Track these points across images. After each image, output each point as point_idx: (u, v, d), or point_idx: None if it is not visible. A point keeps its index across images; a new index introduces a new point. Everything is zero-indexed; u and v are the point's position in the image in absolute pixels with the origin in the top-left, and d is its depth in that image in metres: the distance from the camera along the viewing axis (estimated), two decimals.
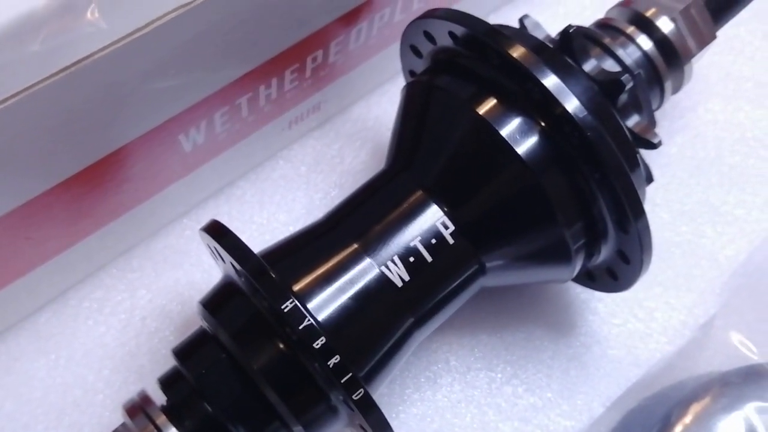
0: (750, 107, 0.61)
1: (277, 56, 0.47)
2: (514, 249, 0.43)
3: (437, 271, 0.42)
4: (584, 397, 0.51)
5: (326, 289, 0.40)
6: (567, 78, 0.39)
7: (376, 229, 0.42)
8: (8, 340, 0.50)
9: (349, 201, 0.44)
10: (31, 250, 0.45)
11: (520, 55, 0.39)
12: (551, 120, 0.40)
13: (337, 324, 0.39)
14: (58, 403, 0.49)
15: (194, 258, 0.54)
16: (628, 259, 0.43)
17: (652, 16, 0.48)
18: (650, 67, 0.48)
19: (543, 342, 0.52)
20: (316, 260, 0.41)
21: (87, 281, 0.52)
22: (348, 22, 0.49)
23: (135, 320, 0.52)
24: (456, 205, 0.42)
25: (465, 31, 0.41)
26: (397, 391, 0.50)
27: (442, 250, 0.42)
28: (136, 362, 0.50)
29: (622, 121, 0.42)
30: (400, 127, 0.46)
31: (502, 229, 0.42)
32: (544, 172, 0.40)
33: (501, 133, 0.40)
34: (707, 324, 0.52)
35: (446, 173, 0.42)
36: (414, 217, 0.42)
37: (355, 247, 0.41)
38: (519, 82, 0.40)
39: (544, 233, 0.42)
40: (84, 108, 0.38)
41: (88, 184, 0.44)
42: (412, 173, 0.43)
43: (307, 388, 0.38)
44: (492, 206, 0.42)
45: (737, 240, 0.56)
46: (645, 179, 0.44)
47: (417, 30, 0.46)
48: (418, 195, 0.42)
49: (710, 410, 0.46)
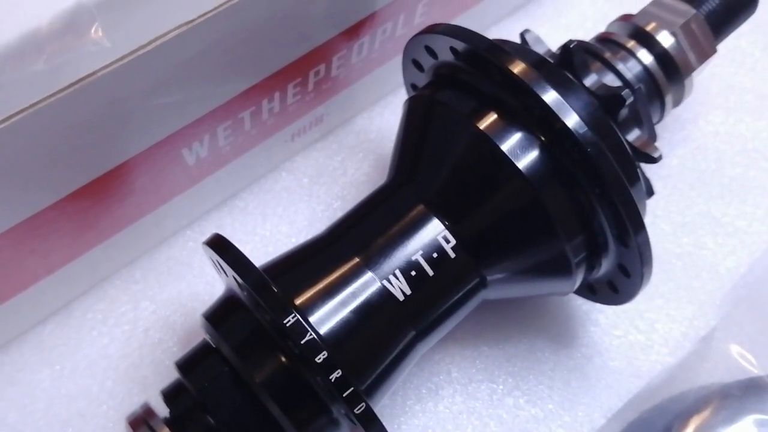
0: (751, 119, 0.61)
1: (280, 71, 0.47)
2: (515, 263, 0.43)
3: (439, 285, 0.42)
4: (585, 409, 0.51)
5: (328, 303, 0.40)
6: (567, 93, 0.39)
7: (378, 242, 0.42)
8: (12, 351, 0.51)
9: (351, 214, 0.45)
10: (35, 262, 0.46)
11: (521, 71, 0.39)
12: (552, 135, 0.40)
13: (339, 338, 0.40)
14: (61, 414, 0.49)
15: (197, 269, 0.54)
16: (629, 273, 0.43)
17: (652, 30, 0.49)
18: (651, 81, 0.48)
19: (544, 353, 0.52)
20: (318, 274, 0.41)
21: (91, 293, 0.53)
22: (350, 37, 0.50)
23: (138, 331, 0.52)
24: (457, 219, 0.42)
25: (466, 46, 0.42)
26: (399, 402, 0.51)
27: (443, 263, 0.42)
28: (140, 373, 0.51)
29: (622, 136, 0.42)
30: (402, 142, 0.46)
31: (504, 243, 0.43)
32: (544, 186, 0.40)
33: (501, 148, 0.40)
34: (708, 336, 0.52)
35: (447, 188, 0.42)
36: (415, 231, 0.42)
37: (356, 260, 0.41)
38: (519, 98, 0.40)
39: (544, 247, 0.42)
40: (88, 124, 0.39)
41: (92, 198, 0.44)
42: (413, 187, 0.44)
43: (309, 401, 0.39)
44: (493, 221, 0.42)
45: (738, 251, 0.56)
46: (645, 193, 0.44)
47: (419, 45, 0.46)
48: (419, 209, 0.43)
49: (711, 423, 0.46)
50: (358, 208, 0.45)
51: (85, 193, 0.43)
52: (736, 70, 0.63)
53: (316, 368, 0.36)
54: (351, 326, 0.40)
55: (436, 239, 0.42)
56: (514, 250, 0.43)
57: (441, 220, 0.42)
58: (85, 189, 0.43)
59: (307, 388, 0.38)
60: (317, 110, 0.55)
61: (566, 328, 0.53)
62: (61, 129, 0.38)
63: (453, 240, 0.42)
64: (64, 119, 0.37)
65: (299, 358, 0.38)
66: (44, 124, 0.36)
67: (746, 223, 0.57)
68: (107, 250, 0.50)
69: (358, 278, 0.41)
